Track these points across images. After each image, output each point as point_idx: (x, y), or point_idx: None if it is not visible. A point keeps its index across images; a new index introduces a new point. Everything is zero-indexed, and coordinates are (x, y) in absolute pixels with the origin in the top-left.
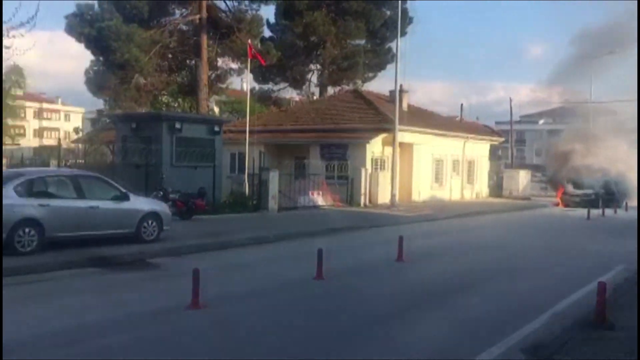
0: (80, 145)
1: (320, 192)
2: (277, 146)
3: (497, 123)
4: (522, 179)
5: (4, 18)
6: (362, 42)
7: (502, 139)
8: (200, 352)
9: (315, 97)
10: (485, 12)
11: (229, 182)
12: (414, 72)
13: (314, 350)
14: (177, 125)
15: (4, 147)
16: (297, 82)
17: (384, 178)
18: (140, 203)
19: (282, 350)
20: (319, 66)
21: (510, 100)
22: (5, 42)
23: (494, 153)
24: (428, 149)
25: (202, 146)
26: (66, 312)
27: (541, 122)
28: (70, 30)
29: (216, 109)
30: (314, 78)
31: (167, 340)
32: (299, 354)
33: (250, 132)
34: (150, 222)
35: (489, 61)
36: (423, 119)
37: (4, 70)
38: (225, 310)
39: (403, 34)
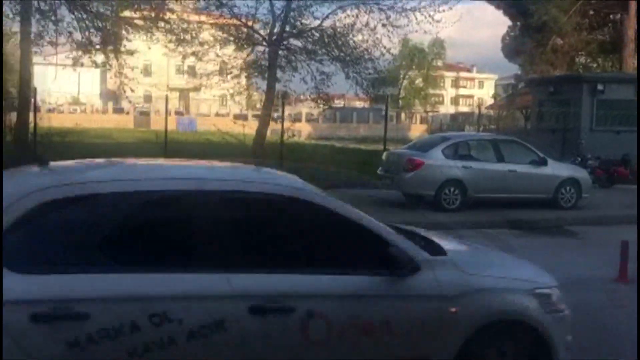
0: (492, 111)
1: None
2: None
3: None
4: None
5: None
6: None
7: None
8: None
9: None
10: None
11: None
12: None
13: None
14: (599, 87)
15: (428, 113)
16: None
17: None
18: (558, 168)
19: None
20: None
21: None
22: (436, 16)
23: None
24: None
25: (627, 108)
26: None
27: None
28: None
29: None
30: None
31: (598, 308)
32: None
33: None
34: (568, 188)
35: None
36: None
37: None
38: None
39: None
